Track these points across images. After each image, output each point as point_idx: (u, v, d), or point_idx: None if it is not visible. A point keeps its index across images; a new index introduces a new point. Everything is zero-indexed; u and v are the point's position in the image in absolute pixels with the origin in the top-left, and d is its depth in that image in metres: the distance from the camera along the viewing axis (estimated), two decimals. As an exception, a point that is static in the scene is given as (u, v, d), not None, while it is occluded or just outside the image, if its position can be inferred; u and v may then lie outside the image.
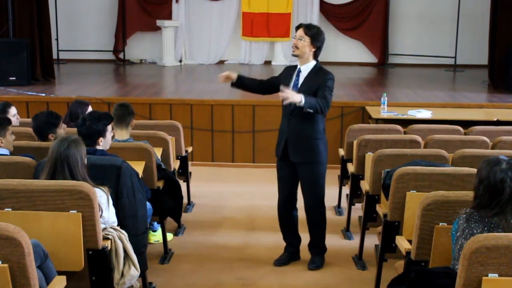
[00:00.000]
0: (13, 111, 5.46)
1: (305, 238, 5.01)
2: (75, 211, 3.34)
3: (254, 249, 5.24)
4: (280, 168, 4.88)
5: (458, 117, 7.03)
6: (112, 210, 3.69)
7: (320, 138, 4.73)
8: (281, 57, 12.67)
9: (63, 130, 4.82)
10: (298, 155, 4.72)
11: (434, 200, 3.31)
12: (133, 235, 3.83)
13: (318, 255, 4.91)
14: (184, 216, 5.82)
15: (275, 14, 12.60)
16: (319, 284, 4.61)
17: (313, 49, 4.66)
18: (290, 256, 4.97)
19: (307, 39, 4.63)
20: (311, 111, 4.48)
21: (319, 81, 4.62)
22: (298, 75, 4.73)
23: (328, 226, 5.59)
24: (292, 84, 4.71)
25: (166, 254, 5.04)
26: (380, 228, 4.30)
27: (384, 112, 7.28)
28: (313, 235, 4.93)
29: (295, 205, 4.96)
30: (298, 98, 4.39)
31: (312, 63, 4.71)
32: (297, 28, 4.72)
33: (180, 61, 12.69)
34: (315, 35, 4.64)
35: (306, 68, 4.71)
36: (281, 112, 4.84)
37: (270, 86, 4.91)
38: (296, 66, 4.79)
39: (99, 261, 3.48)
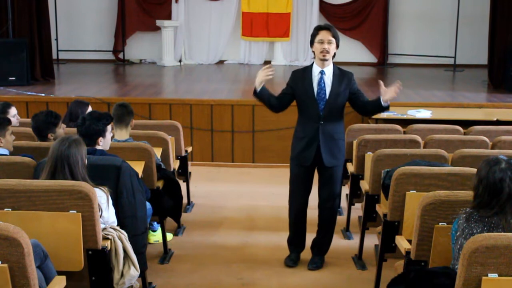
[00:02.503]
0: (13, 111, 5.46)
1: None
2: (74, 211, 3.34)
3: (254, 249, 5.24)
4: (301, 173, 4.78)
5: (458, 117, 7.04)
6: (112, 210, 3.69)
7: (343, 139, 4.83)
8: (281, 57, 12.67)
9: (62, 130, 4.82)
10: (332, 159, 4.71)
11: (434, 200, 3.32)
12: (133, 235, 3.83)
13: (319, 255, 4.91)
14: (184, 216, 5.82)
15: (274, 14, 12.60)
16: (318, 284, 4.61)
17: (335, 50, 4.66)
18: (298, 255, 4.95)
19: (334, 42, 4.60)
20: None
21: (346, 83, 4.65)
22: (322, 78, 4.65)
23: (327, 226, 5.61)
24: (317, 87, 4.63)
25: (165, 254, 5.03)
26: (379, 228, 4.30)
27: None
28: (324, 235, 4.91)
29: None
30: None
31: (332, 64, 4.69)
32: (319, 30, 4.60)
33: (180, 61, 12.69)
34: (337, 36, 4.64)
35: (328, 70, 4.66)
36: (299, 116, 4.77)
37: (288, 99, 4.79)
38: (305, 68, 4.75)
39: (99, 261, 3.48)
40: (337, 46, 4.65)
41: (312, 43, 4.67)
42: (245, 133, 7.98)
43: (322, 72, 4.65)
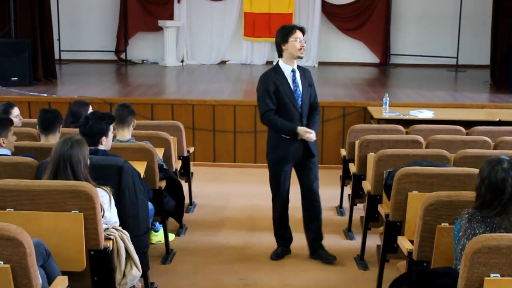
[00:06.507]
0: (15, 111, 5.47)
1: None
2: (77, 211, 3.34)
3: (256, 249, 5.24)
4: (286, 170, 4.91)
5: (460, 117, 7.03)
6: (114, 210, 3.69)
7: None
8: (283, 57, 12.65)
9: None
10: (315, 148, 4.89)
11: (436, 200, 3.31)
12: (135, 235, 3.83)
13: (324, 247, 4.99)
14: (186, 216, 5.81)
15: (276, 14, 12.59)
16: (320, 284, 4.61)
17: None
18: (285, 250, 5.07)
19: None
20: None
21: (308, 80, 4.85)
22: (295, 76, 4.79)
23: (330, 226, 5.62)
24: (293, 86, 4.75)
25: (167, 255, 5.04)
26: (382, 228, 4.30)
27: (386, 112, 7.28)
28: (320, 228, 5.01)
29: None
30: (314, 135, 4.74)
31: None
32: (294, 30, 4.71)
33: (182, 61, 12.70)
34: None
35: (296, 68, 4.84)
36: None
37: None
38: (274, 70, 4.80)
39: (101, 261, 3.48)
40: None
41: (285, 41, 4.70)
42: (247, 133, 7.98)
43: (293, 71, 4.78)
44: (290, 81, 4.75)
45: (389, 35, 12.73)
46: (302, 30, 4.75)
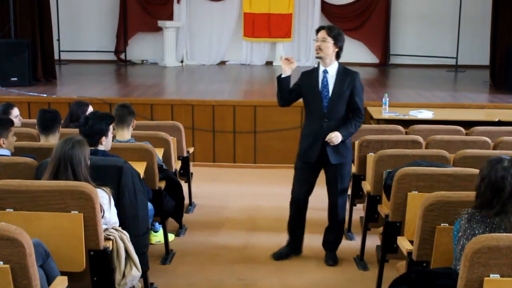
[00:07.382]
0: (15, 112, 5.47)
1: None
2: (76, 212, 3.34)
3: (255, 249, 5.24)
4: (305, 170, 4.88)
5: (460, 118, 7.03)
6: (114, 210, 3.69)
7: (350, 138, 4.89)
8: (283, 57, 12.66)
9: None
10: (338, 156, 4.79)
11: (436, 200, 3.31)
12: (134, 235, 3.82)
13: (334, 251, 4.99)
14: (186, 217, 5.81)
15: (276, 15, 12.60)
16: (320, 284, 4.61)
17: (336, 50, 4.75)
18: (291, 251, 5.03)
19: (330, 40, 4.71)
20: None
21: (350, 83, 4.74)
22: (325, 76, 4.76)
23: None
24: (320, 85, 4.75)
25: (167, 255, 5.04)
26: (381, 229, 4.29)
27: (386, 112, 7.28)
28: (341, 232, 5.03)
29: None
30: (340, 138, 4.63)
31: (336, 63, 4.79)
32: (318, 30, 4.77)
33: (182, 61, 12.71)
34: (337, 36, 4.74)
35: (331, 69, 4.77)
36: (304, 114, 4.89)
37: (294, 96, 4.89)
38: (313, 69, 4.86)
39: (101, 262, 3.48)
40: (338, 46, 4.75)
41: None
42: (247, 133, 7.98)
43: (325, 71, 4.77)
44: (320, 80, 4.77)
45: (389, 35, 12.74)
46: (323, 28, 4.76)
